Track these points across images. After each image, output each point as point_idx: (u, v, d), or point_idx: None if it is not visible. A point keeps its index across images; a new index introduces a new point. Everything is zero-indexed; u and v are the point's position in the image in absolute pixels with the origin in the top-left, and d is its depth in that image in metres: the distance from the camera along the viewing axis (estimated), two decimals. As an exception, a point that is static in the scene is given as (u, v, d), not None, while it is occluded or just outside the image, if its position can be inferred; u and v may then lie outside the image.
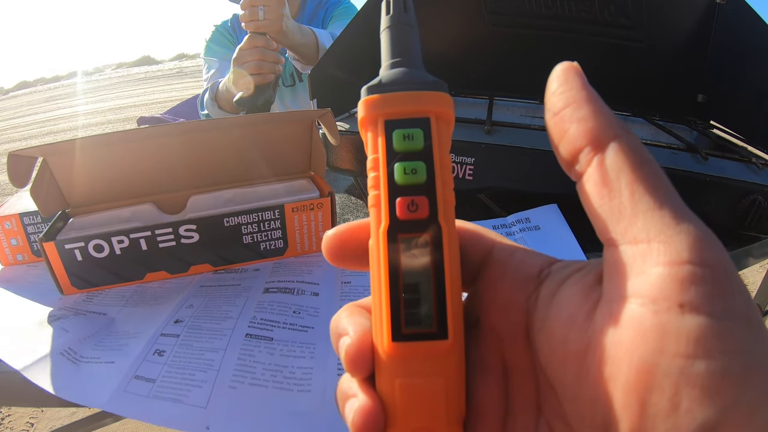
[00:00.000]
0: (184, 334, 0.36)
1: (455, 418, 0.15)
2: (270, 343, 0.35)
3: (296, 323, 0.37)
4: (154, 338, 0.35)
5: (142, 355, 0.34)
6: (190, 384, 0.31)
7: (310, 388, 0.31)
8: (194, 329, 0.36)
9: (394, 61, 0.16)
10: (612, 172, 0.13)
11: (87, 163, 0.43)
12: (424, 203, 0.15)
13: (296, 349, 0.34)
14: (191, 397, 0.30)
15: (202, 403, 0.30)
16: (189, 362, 0.33)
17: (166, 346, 0.35)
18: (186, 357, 0.34)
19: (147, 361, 0.33)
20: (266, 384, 0.31)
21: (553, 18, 0.59)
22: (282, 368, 0.33)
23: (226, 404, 0.30)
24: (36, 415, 1.31)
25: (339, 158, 0.55)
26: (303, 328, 0.36)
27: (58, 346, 0.34)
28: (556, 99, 0.15)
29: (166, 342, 0.35)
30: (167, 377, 0.32)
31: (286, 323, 0.37)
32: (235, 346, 0.34)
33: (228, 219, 0.42)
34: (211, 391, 0.31)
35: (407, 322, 0.15)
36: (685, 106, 0.63)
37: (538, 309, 0.15)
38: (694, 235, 0.12)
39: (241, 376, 0.32)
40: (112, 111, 6.97)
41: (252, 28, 0.77)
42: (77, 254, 0.39)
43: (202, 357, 0.33)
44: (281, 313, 0.38)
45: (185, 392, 0.31)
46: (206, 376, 0.32)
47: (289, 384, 0.32)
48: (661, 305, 0.11)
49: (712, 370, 0.10)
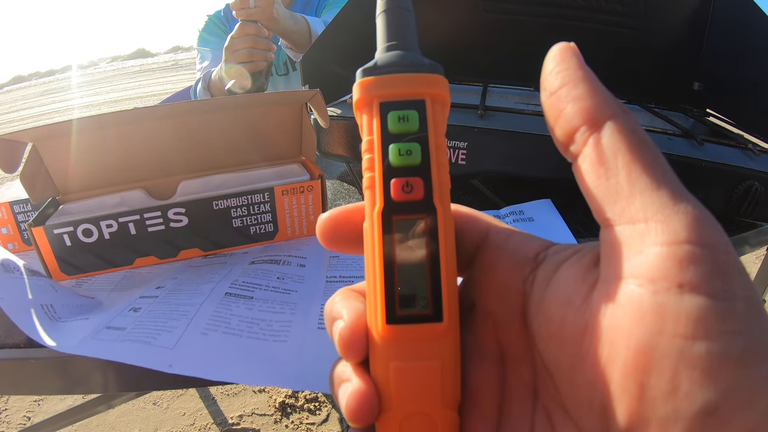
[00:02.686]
0: (162, 295, 0.35)
1: (450, 403, 0.15)
2: (249, 300, 0.34)
3: (279, 287, 0.36)
4: (133, 300, 0.35)
5: (116, 312, 0.33)
6: (161, 329, 0.31)
7: (287, 339, 0.30)
8: (174, 292, 0.36)
9: (390, 44, 0.16)
10: (609, 151, 0.13)
11: (78, 148, 0.42)
12: (419, 184, 0.15)
13: (276, 306, 0.33)
14: (159, 340, 0.30)
15: (170, 345, 0.29)
16: (163, 314, 0.32)
17: (143, 304, 0.34)
18: (161, 311, 0.33)
19: (120, 316, 0.33)
20: (240, 333, 0.30)
21: (548, 4, 0.59)
22: (259, 321, 0.32)
23: (194, 346, 0.29)
24: (33, 408, 1.31)
25: (331, 144, 0.54)
26: (286, 290, 0.35)
27: (41, 297, 0.34)
28: (552, 78, 0.14)
29: (143, 302, 0.34)
30: (139, 326, 0.31)
31: (268, 286, 0.36)
32: (214, 300, 0.33)
33: (217, 202, 0.41)
34: (181, 335, 0.30)
35: (402, 304, 0.14)
36: (682, 94, 0.63)
37: (535, 292, 0.14)
38: (693, 215, 0.11)
39: (214, 324, 0.31)
40: (107, 104, 6.93)
41: (243, 15, 0.76)
42: (66, 239, 0.39)
43: (177, 310, 0.33)
44: (264, 278, 0.37)
45: (154, 336, 0.30)
46: (178, 323, 0.31)
47: (264, 335, 0.31)
48: (659, 285, 0.11)
49: (713, 351, 0.10)
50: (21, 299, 0.33)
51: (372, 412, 0.14)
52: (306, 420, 1.19)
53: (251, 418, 1.21)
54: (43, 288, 0.35)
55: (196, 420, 1.22)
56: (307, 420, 1.19)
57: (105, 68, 21.51)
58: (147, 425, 1.21)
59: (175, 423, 1.22)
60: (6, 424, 1.26)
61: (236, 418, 1.21)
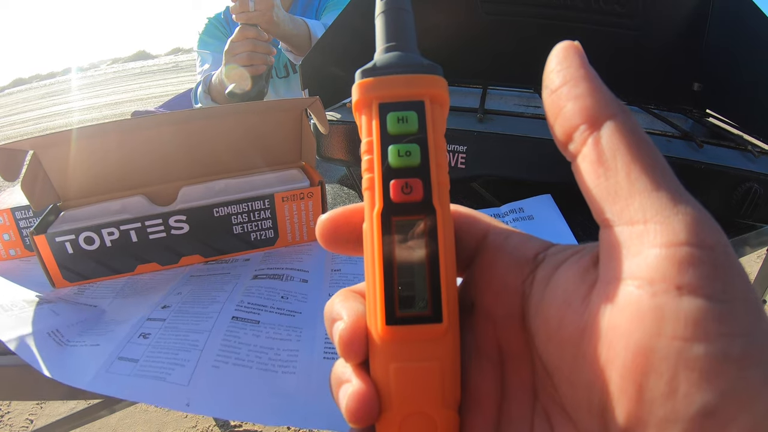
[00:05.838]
0: (170, 318, 0.35)
1: (450, 403, 0.15)
2: (256, 326, 0.34)
3: (284, 308, 0.36)
4: (140, 323, 0.35)
5: (126, 338, 0.33)
6: (174, 363, 0.31)
7: (295, 371, 0.31)
8: (181, 313, 0.36)
9: (389, 45, 0.16)
10: (608, 151, 0.13)
11: (78, 155, 0.42)
12: (419, 185, 0.15)
13: (282, 332, 0.34)
14: (173, 376, 0.30)
15: (184, 381, 0.29)
16: (173, 343, 0.32)
17: (152, 330, 0.34)
18: (171, 339, 0.33)
19: (131, 343, 0.33)
20: (250, 365, 0.31)
21: (547, 6, 0.59)
22: (267, 350, 0.32)
23: (208, 382, 0.29)
24: (35, 411, 1.31)
25: (331, 148, 0.55)
26: (290, 312, 0.36)
27: (47, 326, 0.34)
28: (554, 76, 0.14)
29: (151, 326, 0.35)
30: (150, 357, 0.31)
31: (273, 307, 0.36)
32: (221, 328, 0.34)
33: (218, 209, 0.41)
34: (194, 370, 0.30)
35: (401, 305, 0.14)
36: (681, 95, 0.63)
37: (534, 293, 0.14)
38: (692, 216, 0.11)
39: (225, 356, 0.31)
40: (107, 106, 6.94)
41: (243, 19, 0.76)
42: (68, 247, 0.39)
43: (186, 338, 0.33)
44: (269, 297, 0.37)
45: (168, 371, 0.30)
46: (189, 355, 0.31)
47: (273, 365, 0.31)
48: (658, 287, 0.11)
49: (711, 353, 0.10)
50: (26, 335, 0.33)
51: (372, 413, 0.14)
52: (308, 422, 1.19)
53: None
54: (45, 315, 0.35)
55: (198, 422, 1.22)
56: (310, 422, 1.19)
57: (105, 70, 21.53)
58: (149, 428, 1.22)
59: (177, 425, 1.22)
60: (8, 427, 1.26)
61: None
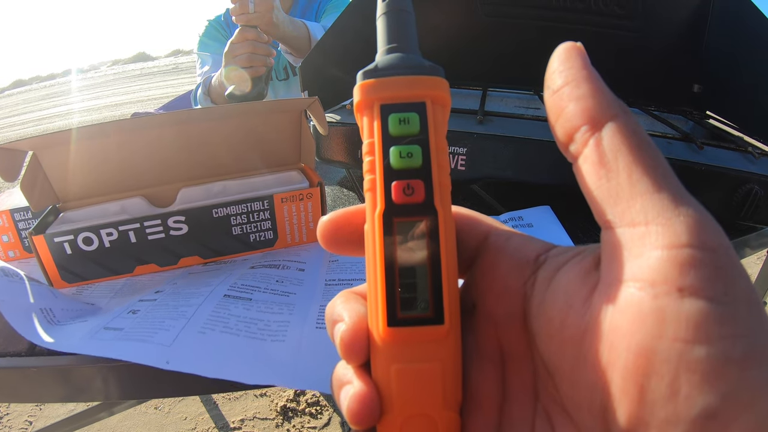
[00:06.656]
0: (161, 298, 0.35)
1: (452, 404, 0.15)
2: (248, 302, 0.34)
3: (278, 289, 0.36)
4: (132, 304, 0.35)
5: (115, 314, 0.33)
6: (159, 328, 0.30)
7: (284, 339, 0.30)
8: (172, 294, 0.36)
9: (391, 47, 0.16)
10: (609, 152, 0.13)
11: (78, 156, 0.42)
12: (420, 187, 0.15)
13: (275, 307, 0.33)
14: (157, 338, 0.30)
15: (167, 342, 0.29)
16: (161, 314, 0.32)
17: (142, 307, 0.34)
18: (159, 312, 0.33)
19: (119, 318, 0.33)
20: (238, 333, 0.30)
21: (547, 8, 0.59)
22: (257, 321, 0.32)
23: (192, 344, 0.29)
24: (34, 413, 1.30)
25: (330, 150, 0.54)
26: (284, 293, 0.35)
27: (41, 302, 0.34)
28: (555, 77, 0.14)
29: (142, 305, 0.35)
30: (137, 326, 0.31)
31: (267, 289, 0.36)
32: (212, 302, 0.33)
33: (216, 210, 0.41)
34: (179, 333, 0.30)
35: (403, 307, 0.14)
36: (681, 97, 0.63)
37: (535, 294, 0.14)
38: (694, 218, 0.11)
39: (212, 324, 0.31)
40: (107, 108, 6.95)
41: (242, 21, 0.76)
42: (66, 247, 0.39)
43: (176, 310, 0.33)
44: (264, 281, 0.37)
45: (152, 334, 0.30)
46: (176, 322, 0.31)
47: (262, 335, 0.30)
48: (659, 289, 0.11)
49: (713, 355, 0.10)
50: (20, 302, 0.33)
51: (373, 414, 0.14)
52: (308, 424, 1.19)
53: (253, 422, 1.21)
54: (44, 294, 0.36)
55: (197, 424, 1.22)
56: (309, 424, 1.19)
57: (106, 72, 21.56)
58: (148, 430, 1.21)
59: (176, 427, 1.22)
60: (8, 429, 1.26)
61: (237, 422, 1.21)
